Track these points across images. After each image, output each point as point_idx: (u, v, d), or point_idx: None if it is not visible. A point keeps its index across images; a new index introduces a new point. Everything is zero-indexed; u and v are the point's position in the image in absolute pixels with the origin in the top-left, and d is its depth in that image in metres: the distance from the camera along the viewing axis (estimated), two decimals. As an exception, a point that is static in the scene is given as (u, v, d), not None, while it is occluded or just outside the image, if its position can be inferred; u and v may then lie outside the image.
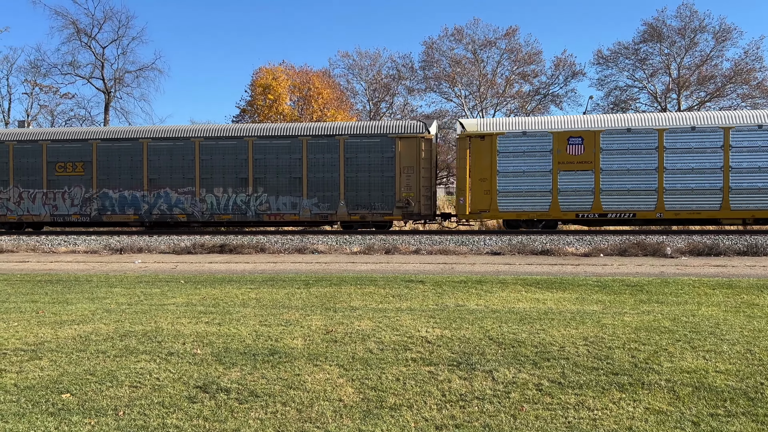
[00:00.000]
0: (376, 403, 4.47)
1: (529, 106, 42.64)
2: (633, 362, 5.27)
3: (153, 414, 4.30)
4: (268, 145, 19.69)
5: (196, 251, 15.25)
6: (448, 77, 41.65)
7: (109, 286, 9.75)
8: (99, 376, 5.09)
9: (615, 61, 41.29)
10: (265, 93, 36.33)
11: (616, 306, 7.70)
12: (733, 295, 8.38)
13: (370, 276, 10.58)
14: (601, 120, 18.54)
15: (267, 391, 4.70)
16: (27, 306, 8.07)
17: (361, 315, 7.24)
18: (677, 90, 39.66)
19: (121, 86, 42.12)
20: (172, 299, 8.52)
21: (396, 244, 15.21)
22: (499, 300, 8.17)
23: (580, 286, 9.16)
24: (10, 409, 4.41)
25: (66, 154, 20.59)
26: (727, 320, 6.76)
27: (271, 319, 7.05)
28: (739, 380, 4.81)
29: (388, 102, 44.45)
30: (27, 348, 5.94)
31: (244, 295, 8.78)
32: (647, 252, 13.69)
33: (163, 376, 5.08)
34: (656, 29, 39.40)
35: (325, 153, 19.43)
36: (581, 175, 18.15)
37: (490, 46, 42.09)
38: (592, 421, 4.09)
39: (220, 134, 20.15)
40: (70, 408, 4.42)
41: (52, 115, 42.59)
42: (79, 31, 40.75)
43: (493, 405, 4.40)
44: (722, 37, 38.81)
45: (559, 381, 4.85)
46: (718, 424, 4.04)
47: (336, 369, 5.21)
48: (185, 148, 20.08)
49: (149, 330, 6.59)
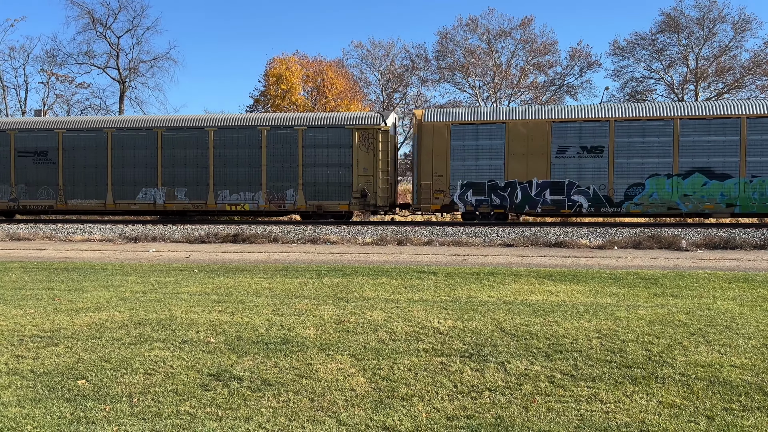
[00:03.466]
0: (388, 393, 4.48)
1: (543, 97, 42.30)
2: (646, 355, 5.23)
3: (167, 401, 4.35)
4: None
5: (209, 241, 15.35)
6: (462, 68, 41.39)
7: (124, 275, 9.84)
8: (114, 363, 5.15)
9: (631, 51, 40.79)
10: (278, 83, 36.33)
11: (630, 299, 7.65)
12: (749, 289, 8.28)
13: (382, 267, 10.59)
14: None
15: (279, 380, 4.72)
16: (43, 293, 8.17)
17: (373, 305, 7.26)
18: (695, 81, 39.13)
19: (136, 76, 42.33)
20: (186, 288, 8.58)
21: (408, 235, 15.21)
22: (511, 292, 8.14)
23: (594, 279, 9.10)
24: (27, 395, 4.48)
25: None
26: (743, 314, 6.69)
27: (284, 309, 7.08)
28: (755, 375, 4.76)
29: (402, 92, 44.32)
30: (43, 335, 6.02)
31: (257, 284, 8.82)
32: (662, 245, 13.57)
33: (176, 363, 5.13)
34: (674, 19, 38.84)
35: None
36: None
37: (505, 36, 41.74)
38: (605, 414, 4.08)
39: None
40: (86, 394, 4.47)
41: (68, 105, 42.94)
42: (95, 21, 40.93)
43: (504, 396, 4.40)
44: (741, 28, 38.18)
45: (571, 373, 4.83)
46: (732, 418, 4.00)
47: (348, 359, 5.23)
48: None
49: (163, 318, 6.65)
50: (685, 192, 17.47)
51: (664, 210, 17.68)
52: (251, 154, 19.53)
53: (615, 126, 17.68)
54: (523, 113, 18.66)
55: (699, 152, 17.42)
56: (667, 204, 17.59)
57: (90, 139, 20.30)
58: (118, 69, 41.53)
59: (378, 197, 18.97)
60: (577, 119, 17.97)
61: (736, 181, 17.25)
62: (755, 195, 17.20)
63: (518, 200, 18.23)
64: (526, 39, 41.64)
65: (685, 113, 17.51)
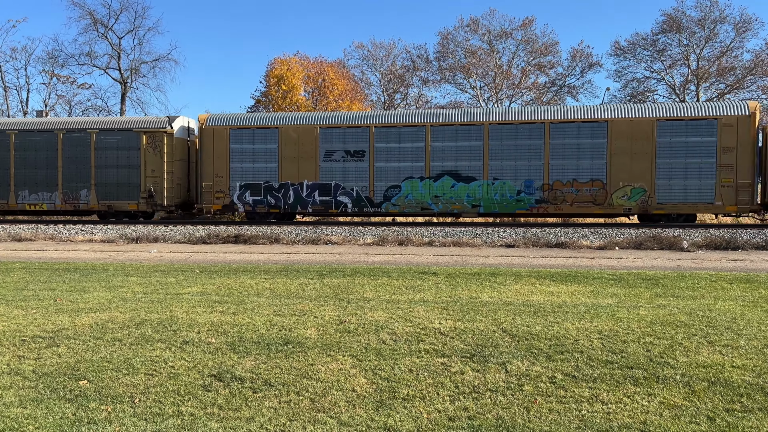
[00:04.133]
0: (389, 393, 4.48)
1: (544, 97, 42.27)
2: (648, 356, 5.23)
3: (168, 401, 4.35)
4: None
5: (210, 241, 15.37)
6: (463, 68, 41.39)
7: (126, 275, 9.85)
8: (115, 363, 5.15)
9: (633, 52, 40.75)
10: (279, 84, 36.37)
11: (631, 300, 7.64)
12: (750, 289, 8.28)
13: (383, 267, 10.59)
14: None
15: (280, 381, 4.73)
16: (45, 294, 8.19)
17: (374, 306, 7.26)
18: (696, 82, 39.09)
19: (137, 77, 42.35)
20: (187, 288, 8.59)
21: (409, 236, 15.21)
22: (512, 292, 8.14)
23: (595, 280, 9.10)
24: (29, 395, 4.48)
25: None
26: (744, 315, 6.68)
27: (285, 309, 7.08)
28: (756, 375, 4.76)
29: (403, 93, 44.32)
30: (45, 335, 6.03)
31: (259, 285, 8.83)
32: (663, 245, 13.56)
33: (178, 364, 5.13)
34: (675, 20, 38.80)
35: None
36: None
37: (506, 36, 41.73)
38: (606, 415, 4.07)
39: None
40: (87, 395, 4.48)
41: (69, 106, 42.98)
42: (96, 22, 40.96)
43: (506, 397, 4.40)
44: (743, 28, 38.14)
45: (573, 374, 4.83)
46: (734, 419, 4.00)
47: (349, 359, 5.23)
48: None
49: (165, 319, 6.65)
50: (436, 193, 18.62)
51: (419, 210, 18.86)
52: (49, 156, 20.53)
53: (375, 132, 18.85)
54: (294, 119, 19.76)
55: (448, 156, 18.56)
56: (421, 204, 18.77)
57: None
58: (120, 70, 41.57)
59: (164, 197, 19.88)
60: (341, 125, 19.08)
61: (480, 183, 18.37)
62: (497, 196, 18.35)
63: (291, 201, 19.25)
64: (527, 39, 41.65)
65: (435, 120, 18.73)
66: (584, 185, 17.84)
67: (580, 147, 17.81)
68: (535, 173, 18.06)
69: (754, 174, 16.97)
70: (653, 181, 17.42)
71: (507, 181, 18.21)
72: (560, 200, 17.97)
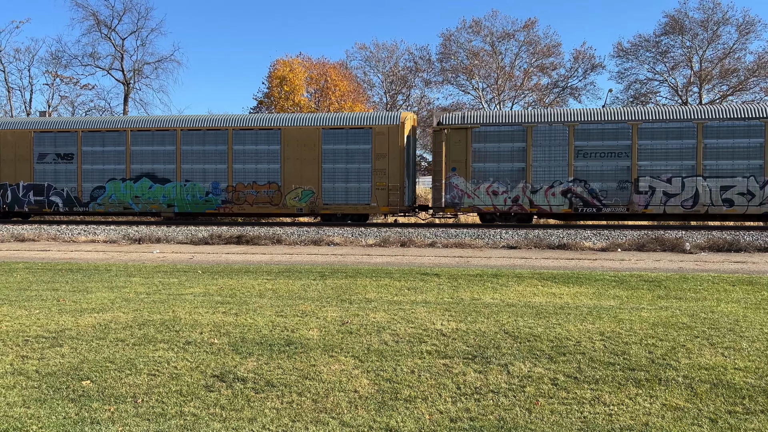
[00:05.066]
0: (391, 394, 4.49)
1: (547, 99, 42.27)
2: (650, 358, 5.23)
3: (171, 402, 4.36)
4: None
5: (213, 242, 15.38)
6: (465, 69, 41.42)
7: (128, 276, 9.87)
8: (118, 363, 5.17)
9: (635, 53, 40.75)
10: (281, 85, 36.42)
11: (634, 301, 7.64)
12: (753, 291, 8.27)
13: (385, 268, 10.60)
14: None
15: (283, 381, 4.74)
16: (48, 294, 8.21)
17: (376, 307, 7.27)
18: (699, 83, 39.05)
19: (140, 78, 42.45)
20: (190, 289, 8.60)
21: (411, 237, 15.21)
22: (514, 294, 8.14)
23: (597, 281, 9.10)
24: (32, 395, 4.50)
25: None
26: (746, 317, 6.68)
27: (287, 310, 7.09)
28: (758, 378, 4.75)
29: (405, 94, 44.36)
30: (48, 335, 6.04)
31: (261, 285, 8.84)
32: (666, 247, 13.54)
33: (180, 364, 5.14)
34: (678, 21, 38.79)
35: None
36: None
37: (509, 38, 41.77)
38: (608, 417, 4.08)
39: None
40: (90, 395, 4.49)
41: (72, 106, 43.09)
42: (99, 23, 41.08)
43: (508, 399, 4.40)
44: (746, 30, 38.13)
45: (574, 376, 4.83)
46: (736, 421, 4.00)
47: (351, 360, 5.23)
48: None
49: (167, 319, 6.67)
50: (136, 194, 20.08)
51: (121, 209, 20.30)
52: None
53: (82, 136, 20.29)
54: (9, 124, 21.01)
55: (146, 159, 20.07)
56: (123, 204, 20.21)
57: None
58: (123, 71, 41.67)
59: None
60: (53, 130, 20.46)
61: (174, 185, 19.95)
62: (188, 197, 19.89)
63: (10, 200, 20.65)
64: (530, 41, 41.68)
65: (135, 126, 20.18)
66: (263, 187, 19.53)
67: (258, 152, 19.53)
68: (221, 176, 19.70)
69: (403, 178, 18.75)
70: (320, 184, 19.21)
71: (197, 183, 19.77)
72: (242, 201, 19.62)
